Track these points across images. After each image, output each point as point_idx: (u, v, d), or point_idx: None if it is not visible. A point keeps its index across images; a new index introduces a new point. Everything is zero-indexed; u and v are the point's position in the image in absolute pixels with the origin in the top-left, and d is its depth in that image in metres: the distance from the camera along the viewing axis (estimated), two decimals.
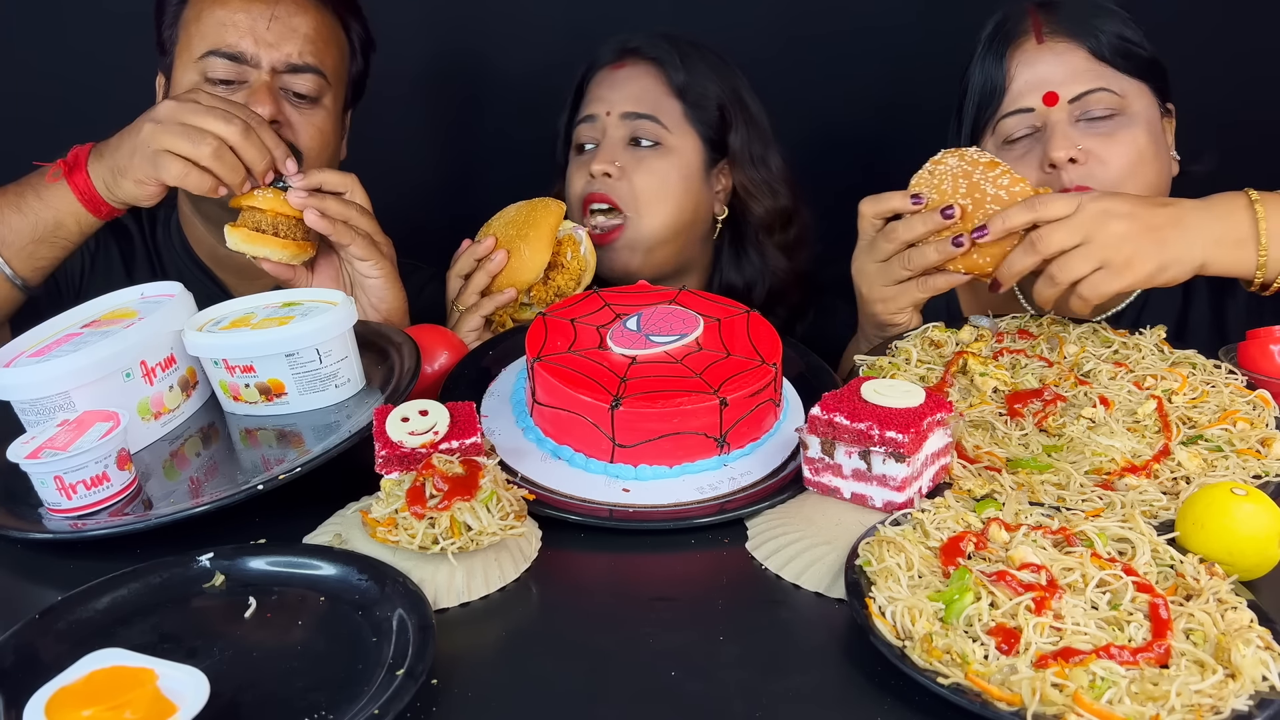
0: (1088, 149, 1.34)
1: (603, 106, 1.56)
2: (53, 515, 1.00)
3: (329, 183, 1.32)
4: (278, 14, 1.44)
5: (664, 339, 1.12)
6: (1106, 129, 1.35)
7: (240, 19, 1.43)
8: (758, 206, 1.63)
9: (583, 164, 1.57)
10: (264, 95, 1.42)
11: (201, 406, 1.18)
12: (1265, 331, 1.19)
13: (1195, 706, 0.73)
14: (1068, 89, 1.35)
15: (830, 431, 0.99)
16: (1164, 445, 1.05)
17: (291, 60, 1.45)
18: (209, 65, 1.43)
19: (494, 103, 2.07)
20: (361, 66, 1.59)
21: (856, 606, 0.84)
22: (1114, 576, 0.83)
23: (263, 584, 0.90)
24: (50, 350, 1.10)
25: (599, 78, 1.60)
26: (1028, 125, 1.38)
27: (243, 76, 1.44)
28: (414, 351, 1.17)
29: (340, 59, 1.53)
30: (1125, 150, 1.35)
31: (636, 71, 1.58)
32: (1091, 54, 1.36)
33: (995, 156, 1.27)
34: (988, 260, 1.21)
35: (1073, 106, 1.35)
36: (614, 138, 1.55)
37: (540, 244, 1.42)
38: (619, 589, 0.95)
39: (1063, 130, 1.35)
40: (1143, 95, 1.38)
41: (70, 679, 0.73)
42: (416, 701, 0.76)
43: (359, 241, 1.30)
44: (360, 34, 1.57)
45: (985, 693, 0.74)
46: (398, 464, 0.96)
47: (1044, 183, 1.34)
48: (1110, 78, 1.36)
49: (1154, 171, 1.38)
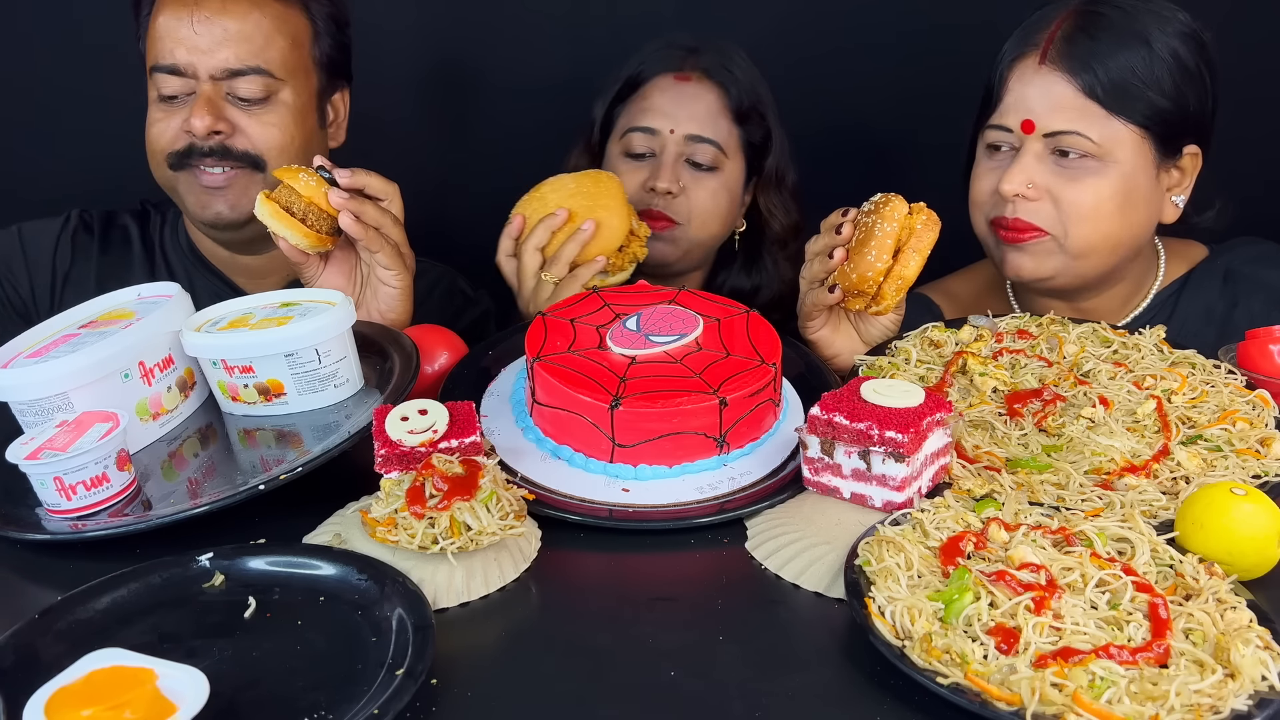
0: (1045, 185, 1.33)
1: (666, 123, 1.58)
2: (52, 516, 1.00)
3: (372, 187, 1.30)
4: (201, 17, 1.39)
5: (664, 339, 1.12)
6: (1072, 172, 1.32)
7: (174, 26, 1.39)
8: (775, 223, 1.71)
9: (639, 171, 1.59)
10: (201, 107, 1.39)
11: (200, 407, 1.18)
12: (1265, 331, 1.19)
13: (1194, 706, 0.73)
14: (1046, 122, 1.32)
15: (830, 431, 0.99)
16: (1163, 445, 1.05)
17: (229, 65, 1.40)
18: (158, 81, 1.42)
19: (492, 102, 2.07)
20: (334, 45, 1.52)
21: (856, 606, 0.84)
22: (1113, 576, 0.83)
23: (263, 584, 0.90)
24: (48, 351, 1.10)
25: (660, 84, 1.60)
26: (1005, 142, 1.37)
27: (188, 89, 1.41)
28: (414, 351, 1.17)
29: (293, 47, 1.46)
30: (1084, 196, 1.32)
31: (702, 90, 1.60)
32: (1083, 92, 1.31)
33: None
34: (854, 279, 1.25)
35: (1047, 140, 1.33)
36: (674, 154, 1.59)
37: (622, 211, 1.45)
38: (619, 589, 0.95)
39: (1024, 163, 1.33)
40: (1132, 144, 1.32)
41: (70, 679, 0.73)
42: (416, 701, 0.76)
43: (387, 250, 1.29)
44: (325, 11, 1.50)
45: (985, 692, 0.74)
46: (397, 463, 0.96)
47: (994, 207, 1.37)
48: (1093, 120, 1.31)
49: (1112, 224, 1.34)
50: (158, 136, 1.43)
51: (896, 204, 1.24)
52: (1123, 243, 1.37)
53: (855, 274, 1.23)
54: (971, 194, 1.43)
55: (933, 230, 1.24)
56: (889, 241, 1.22)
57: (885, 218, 1.23)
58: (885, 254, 1.23)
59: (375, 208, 1.29)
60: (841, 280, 1.25)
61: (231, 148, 1.43)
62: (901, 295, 1.26)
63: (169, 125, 1.42)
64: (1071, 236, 1.34)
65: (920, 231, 1.24)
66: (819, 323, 1.32)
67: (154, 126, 1.44)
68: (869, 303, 1.27)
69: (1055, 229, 1.34)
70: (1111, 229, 1.35)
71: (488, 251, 1.52)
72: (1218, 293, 1.45)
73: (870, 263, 1.23)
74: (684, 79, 1.60)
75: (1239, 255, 1.47)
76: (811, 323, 1.32)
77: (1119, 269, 1.41)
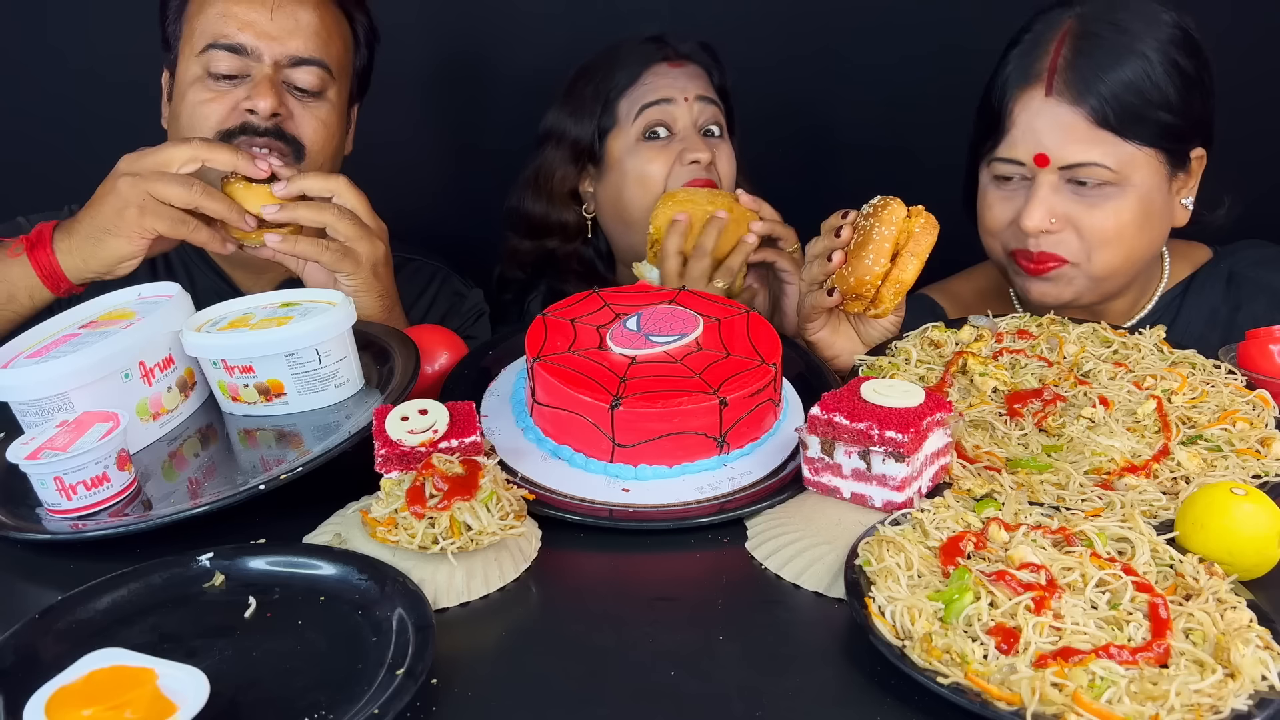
0: (1066, 215, 1.33)
1: (679, 93, 1.59)
2: (52, 516, 1.00)
3: (312, 189, 1.29)
4: (283, 6, 1.43)
5: (664, 339, 1.12)
6: (1092, 198, 1.32)
7: (241, 10, 1.42)
8: None
9: (665, 150, 1.58)
10: (266, 89, 1.41)
11: (200, 407, 1.18)
12: (1265, 331, 1.19)
13: (1195, 706, 0.73)
14: (1061, 154, 1.31)
15: (830, 431, 0.99)
16: (1163, 445, 1.05)
17: (295, 54, 1.44)
18: (211, 59, 1.43)
19: (496, 101, 2.07)
20: (366, 60, 1.58)
21: (856, 606, 0.84)
22: (1113, 576, 0.83)
23: (263, 584, 0.90)
24: (48, 351, 1.09)
25: (656, 70, 1.61)
26: (1017, 174, 1.37)
27: (245, 70, 1.43)
28: (414, 351, 1.17)
29: (344, 52, 1.52)
30: (1106, 221, 1.32)
31: (695, 69, 1.63)
32: (1094, 121, 1.30)
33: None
34: (852, 282, 1.25)
35: (1063, 171, 1.32)
36: (691, 121, 1.59)
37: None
38: (619, 589, 0.95)
39: (1042, 196, 1.32)
40: (1146, 164, 1.32)
41: (70, 679, 0.73)
42: (416, 701, 0.76)
43: (326, 256, 1.27)
44: (365, 26, 1.56)
45: (985, 692, 0.74)
46: (397, 463, 0.96)
47: (1013, 239, 1.36)
48: (1110, 146, 1.30)
49: (1135, 243, 1.35)
50: (208, 113, 1.43)
51: (895, 207, 1.24)
52: (1143, 258, 1.39)
53: (853, 277, 1.24)
54: (984, 221, 1.42)
55: (931, 234, 1.25)
56: (887, 245, 1.23)
57: (884, 221, 1.23)
58: (883, 257, 1.23)
59: (311, 208, 1.29)
60: (840, 283, 1.25)
61: (285, 131, 1.44)
62: (900, 298, 1.26)
63: (221, 103, 1.43)
64: (1095, 262, 1.35)
65: (918, 235, 1.24)
66: (818, 324, 1.32)
67: (204, 105, 1.43)
68: (867, 305, 1.27)
69: (1078, 257, 1.34)
70: (1134, 249, 1.35)
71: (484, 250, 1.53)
72: (1221, 296, 1.45)
73: (868, 266, 1.23)
74: (678, 65, 1.62)
75: (1242, 258, 1.47)
76: (811, 324, 1.32)
77: (1131, 279, 1.42)
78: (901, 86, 1.98)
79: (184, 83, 1.45)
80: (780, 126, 1.99)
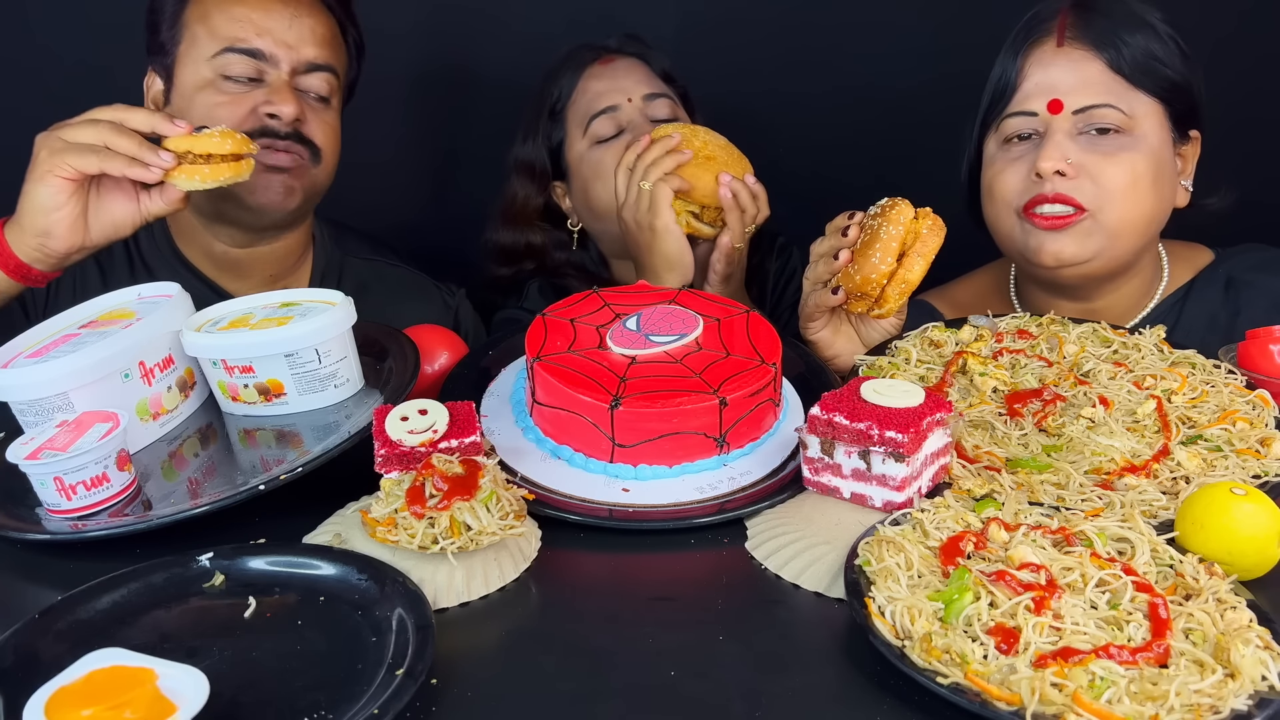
0: (1080, 163, 1.32)
1: (621, 95, 1.61)
2: (52, 516, 1.00)
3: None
4: (298, 15, 1.47)
5: (663, 339, 1.12)
6: (1106, 147, 1.33)
7: (259, 17, 1.45)
8: None
9: (618, 145, 1.59)
10: (288, 94, 1.44)
11: (200, 407, 1.18)
12: (1265, 331, 1.19)
13: (1194, 706, 0.73)
14: (1075, 99, 1.33)
15: (830, 431, 0.99)
16: (1163, 445, 1.05)
17: (310, 60, 1.47)
18: (226, 62, 1.44)
19: (483, 106, 2.07)
20: (355, 71, 1.62)
21: (856, 606, 0.84)
22: (1113, 576, 0.83)
23: (263, 584, 0.90)
24: (48, 351, 1.10)
25: (592, 72, 1.63)
26: (1029, 128, 1.36)
27: (259, 74, 1.45)
28: (414, 351, 1.17)
29: (344, 61, 1.56)
30: (1120, 172, 1.32)
31: (630, 63, 1.64)
32: (1109, 66, 1.33)
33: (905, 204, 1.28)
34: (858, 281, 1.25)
35: (1076, 118, 1.33)
36: (641, 116, 1.61)
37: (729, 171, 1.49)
38: (619, 589, 0.95)
39: (1057, 141, 1.32)
40: (1155, 118, 1.35)
41: (70, 679, 0.73)
42: (416, 701, 0.76)
43: None
44: (355, 38, 1.60)
45: (985, 692, 0.74)
46: (397, 463, 0.96)
47: (1028, 191, 1.35)
48: (1123, 94, 1.33)
49: (1148, 200, 1.35)
50: (224, 116, 1.43)
51: (902, 208, 1.24)
52: (1153, 221, 1.38)
53: (859, 276, 1.24)
54: (994, 192, 1.40)
55: (938, 235, 1.25)
56: (894, 245, 1.23)
57: (891, 221, 1.23)
58: (890, 257, 1.23)
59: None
60: (845, 282, 1.25)
61: (304, 135, 1.47)
62: (904, 299, 1.26)
63: (238, 106, 1.44)
64: (1109, 213, 1.33)
65: (925, 236, 1.24)
66: (820, 324, 1.32)
67: (220, 108, 1.44)
68: (871, 305, 1.27)
69: (1094, 204, 1.33)
70: (1146, 206, 1.35)
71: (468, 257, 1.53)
72: (1220, 301, 1.44)
73: (874, 265, 1.23)
74: (607, 62, 1.64)
75: (1241, 262, 1.47)
76: (813, 324, 1.32)
77: (1138, 258, 1.41)
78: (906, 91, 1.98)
79: (190, 85, 1.46)
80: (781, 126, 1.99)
